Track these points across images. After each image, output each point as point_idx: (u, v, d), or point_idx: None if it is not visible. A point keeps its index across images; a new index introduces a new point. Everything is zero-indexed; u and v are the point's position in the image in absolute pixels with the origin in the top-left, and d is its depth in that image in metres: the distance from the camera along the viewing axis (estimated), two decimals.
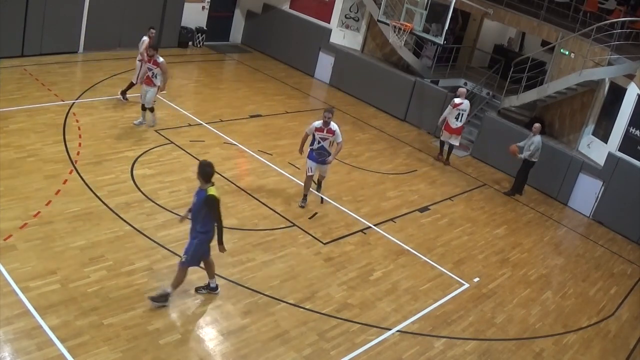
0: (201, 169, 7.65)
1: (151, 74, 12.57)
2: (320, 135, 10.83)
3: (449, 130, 14.84)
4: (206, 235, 7.82)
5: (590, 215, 14.20)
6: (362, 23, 18.85)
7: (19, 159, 10.57)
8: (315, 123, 10.84)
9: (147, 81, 12.66)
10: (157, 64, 12.43)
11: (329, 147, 10.96)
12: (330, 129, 10.80)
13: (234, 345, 7.62)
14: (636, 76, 13.72)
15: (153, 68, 12.55)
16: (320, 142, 10.89)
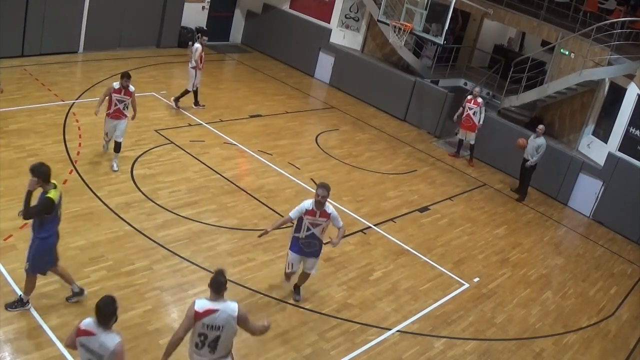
0: (36, 169, 6.75)
1: (122, 105, 10.84)
2: (310, 220, 8.05)
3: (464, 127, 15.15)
4: (46, 240, 7.01)
5: (590, 215, 14.20)
6: (362, 23, 18.85)
7: (19, 159, 10.57)
8: (305, 203, 8.03)
9: (117, 114, 10.83)
10: (130, 93, 10.90)
11: (321, 234, 8.22)
12: (325, 211, 8.05)
13: (234, 345, 7.61)
14: (636, 76, 13.71)
15: (125, 99, 10.85)
16: (310, 228, 8.09)
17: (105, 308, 5.21)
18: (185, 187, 10.99)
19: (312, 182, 12.38)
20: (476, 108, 14.85)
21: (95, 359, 5.25)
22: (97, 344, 5.20)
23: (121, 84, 10.72)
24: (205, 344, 5.83)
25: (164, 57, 17.88)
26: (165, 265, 8.76)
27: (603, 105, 14.78)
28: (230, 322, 5.82)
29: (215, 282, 5.95)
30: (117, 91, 10.74)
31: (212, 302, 5.87)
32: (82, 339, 5.25)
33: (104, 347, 5.19)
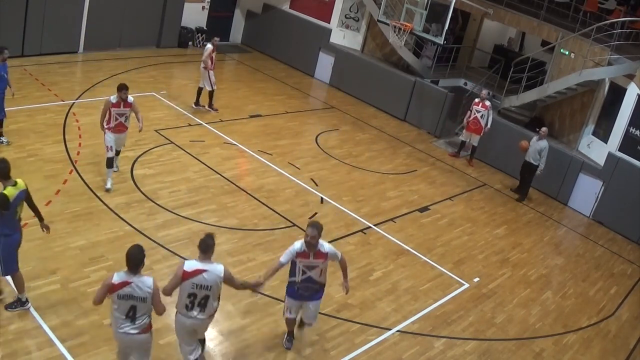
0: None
1: (124, 118, 10.21)
2: (304, 264, 7.04)
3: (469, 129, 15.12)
4: (10, 237, 6.93)
5: (590, 215, 14.20)
6: (362, 23, 18.84)
7: (19, 159, 10.57)
8: (295, 245, 6.98)
9: (119, 127, 10.22)
10: (129, 105, 10.19)
11: (319, 276, 7.20)
12: (320, 251, 7.02)
13: (234, 345, 7.62)
14: (636, 76, 13.71)
15: (125, 111, 10.20)
16: (306, 272, 7.08)
17: (136, 256, 5.81)
18: (185, 187, 10.99)
19: (312, 182, 12.39)
20: (484, 111, 14.79)
21: (138, 302, 5.83)
22: (137, 290, 5.77)
23: (119, 97, 10.01)
24: (195, 304, 6.20)
25: (164, 57, 17.88)
26: (165, 265, 8.75)
27: (603, 105, 14.78)
28: (217, 282, 6.23)
29: (203, 244, 6.25)
30: (115, 105, 10.04)
31: (201, 263, 6.21)
32: (120, 292, 5.76)
33: (144, 290, 5.80)
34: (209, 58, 14.21)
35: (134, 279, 5.78)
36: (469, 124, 15.00)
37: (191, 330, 6.46)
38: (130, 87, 14.70)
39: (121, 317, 5.86)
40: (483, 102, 14.82)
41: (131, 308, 5.83)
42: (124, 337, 5.97)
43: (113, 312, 5.89)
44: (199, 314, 6.28)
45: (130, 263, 5.78)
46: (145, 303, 5.86)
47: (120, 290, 5.74)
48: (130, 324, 5.89)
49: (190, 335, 6.50)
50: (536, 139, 13.74)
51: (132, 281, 5.77)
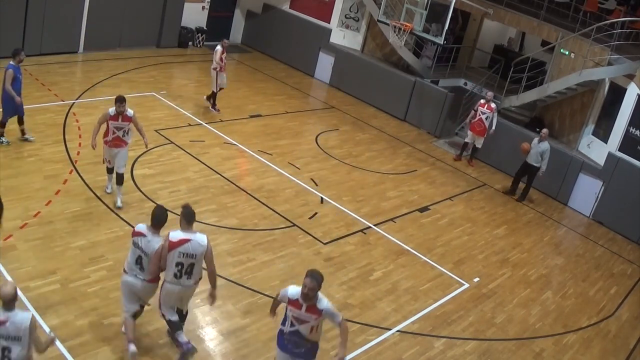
0: None
1: (122, 133, 9.56)
2: (294, 314, 6.21)
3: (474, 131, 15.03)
4: None
5: (590, 215, 14.20)
6: (362, 23, 18.85)
7: (19, 159, 10.58)
8: (290, 290, 6.30)
9: (117, 142, 9.57)
10: (129, 119, 9.55)
11: (309, 333, 6.28)
12: (315, 307, 6.13)
13: (234, 345, 7.62)
14: (636, 76, 13.72)
15: (124, 125, 9.53)
16: (294, 324, 6.22)
17: (160, 216, 6.75)
18: (185, 187, 10.99)
19: (312, 182, 12.39)
20: (489, 113, 14.72)
21: (143, 255, 6.69)
22: (145, 244, 6.67)
23: (116, 109, 9.38)
24: (182, 272, 6.62)
25: (164, 57, 17.89)
26: None
27: (603, 105, 14.78)
28: (201, 251, 6.62)
29: (187, 214, 6.69)
30: (113, 118, 9.42)
31: (185, 233, 6.63)
32: (135, 239, 6.74)
33: (150, 247, 6.64)
34: (220, 59, 14.37)
35: (147, 232, 6.70)
36: (474, 125, 14.92)
37: (179, 297, 6.87)
38: (130, 87, 14.96)
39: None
40: (489, 104, 14.74)
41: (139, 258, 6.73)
42: (128, 281, 6.82)
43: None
44: (187, 281, 6.72)
45: (154, 221, 6.73)
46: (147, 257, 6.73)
47: (138, 237, 6.73)
48: (139, 270, 6.75)
49: (177, 302, 6.93)
50: (537, 141, 13.70)
51: (147, 235, 6.73)
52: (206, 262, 6.71)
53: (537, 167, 13.73)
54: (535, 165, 13.72)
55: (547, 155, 13.58)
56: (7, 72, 10.63)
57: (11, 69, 10.63)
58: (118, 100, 9.42)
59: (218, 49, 14.38)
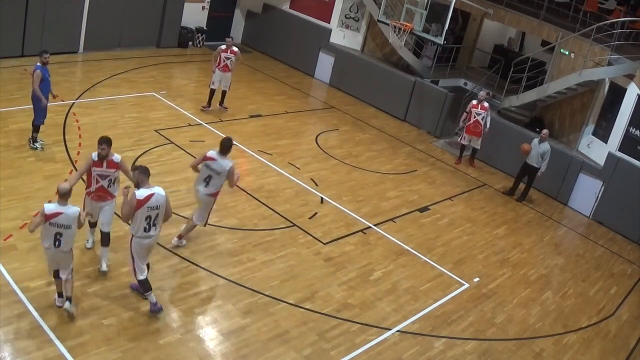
0: None
1: (107, 182, 8.03)
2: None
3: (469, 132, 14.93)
4: None
5: (590, 215, 14.20)
6: (362, 23, 18.85)
7: (19, 159, 10.58)
8: None
9: (101, 193, 8.07)
10: (115, 165, 8.01)
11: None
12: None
13: (234, 345, 7.62)
14: (636, 76, 13.72)
15: (109, 173, 8.00)
16: None
17: (227, 144, 8.87)
18: (185, 187, 10.98)
19: (312, 182, 12.39)
20: (484, 113, 14.61)
21: (214, 174, 8.76)
22: (217, 166, 8.75)
23: (99, 153, 7.86)
24: (151, 224, 7.43)
25: (164, 57, 17.88)
26: (165, 265, 8.76)
27: (603, 105, 14.78)
28: (162, 201, 7.46)
29: (144, 170, 7.43)
30: (96, 164, 7.90)
31: (148, 189, 7.37)
32: (207, 162, 8.77)
33: (222, 167, 8.75)
34: (214, 58, 14.38)
35: (219, 157, 8.76)
36: (469, 127, 14.83)
37: (148, 248, 7.63)
38: (130, 87, 14.96)
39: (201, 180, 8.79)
40: (482, 104, 14.70)
41: (208, 176, 8.79)
42: (198, 193, 8.88)
43: None
44: (155, 231, 7.54)
45: (222, 148, 8.81)
46: (219, 175, 8.77)
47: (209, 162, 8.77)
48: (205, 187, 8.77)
49: (147, 253, 7.66)
50: (537, 142, 13.67)
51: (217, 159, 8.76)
52: (167, 208, 7.60)
53: (537, 168, 13.69)
54: (535, 166, 13.69)
55: (547, 157, 13.55)
56: (35, 73, 10.60)
57: (38, 69, 10.60)
58: (101, 141, 7.85)
59: (219, 48, 14.35)
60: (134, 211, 7.30)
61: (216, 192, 8.94)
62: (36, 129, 10.94)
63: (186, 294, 8.27)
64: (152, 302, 7.71)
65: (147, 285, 7.64)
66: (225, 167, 8.73)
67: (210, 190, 8.84)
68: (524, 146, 13.76)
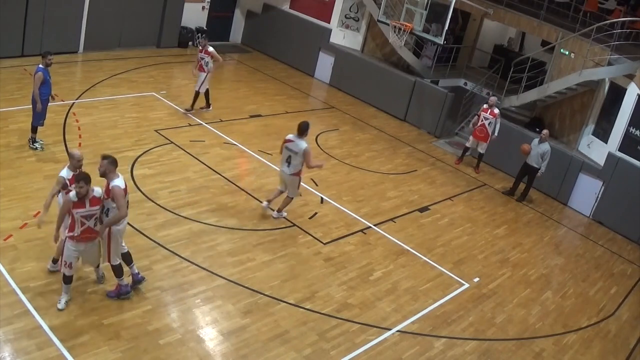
0: None
1: (93, 221, 7.19)
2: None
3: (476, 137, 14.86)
4: None
5: (590, 215, 14.20)
6: (362, 23, 18.85)
7: (19, 158, 10.58)
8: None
9: (88, 235, 7.23)
10: (98, 201, 7.15)
11: None
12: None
13: (234, 345, 7.62)
14: (636, 76, 13.72)
15: (94, 211, 7.13)
16: None
17: (303, 126, 9.96)
18: (185, 187, 10.99)
19: (312, 182, 12.39)
20: (492, 119, 14.53)
21: (293, 154, 9.97)
22: (294, 146, 9.94)
23: (77, 193, 6.91)
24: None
25: (164, 57, 17.89)
26: (165, 265, 8.76)
27: (603, 105, 14.78)
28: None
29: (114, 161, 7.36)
30: (78, 205, 6.96)
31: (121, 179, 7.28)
32: (287, 144, 10.03)
33: (299, 147, 9.92)
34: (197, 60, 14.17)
35: (295, 139, 9.95)
36: (476, 130, 14.77)
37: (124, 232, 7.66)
38: (130, 87, 14.98)
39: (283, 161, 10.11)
40: (492, 110, 14.56)
41: (289, 157, 10.03)
42: (281, 174, 10.25)
43: None
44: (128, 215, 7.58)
45: (300, 130, 9.94)
46: (297, 155, 9.94)
47: (288, 144, 9.98)
48: (287, 167, 10.04)
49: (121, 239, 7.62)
50: (537, 142, 13.65)
51: (294, 140, 10.00)
52: None
53: (537, 168, 13.68)
54: (535, 167, 13.68)
55: (547, 157, 13.53)
56: (36, 75, 10.58)
57: (40, 71, 10.58)
58: (78, 179, 6.88)
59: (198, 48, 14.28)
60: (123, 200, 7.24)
61: (297, 172, 10.13)
62: (34, 129, 10.94)
63: (186, 294, 8.27)
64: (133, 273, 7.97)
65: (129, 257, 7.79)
66: (301, 147, 9.89)
67: (292, 170, 10.08)
68: (524, 146, 13.75)
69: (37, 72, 10.57)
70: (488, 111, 14.60)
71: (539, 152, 13.56)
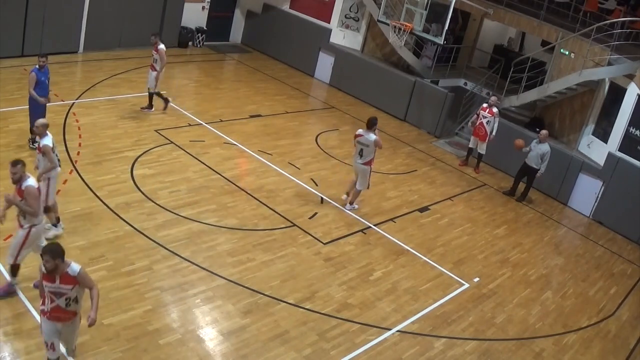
0: None
1: (63, 301, 5.95)
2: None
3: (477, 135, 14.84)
4: None
5: (590, 215, 14.20)
6: (362, 23, 18.85)
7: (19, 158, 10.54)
8: None
9: (58, 314, 6.03)
10: (72, 280, 5.92)
11: None
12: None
13: (234, 345, 7.62)
14: (636, 76, 13.72)
15: (65, 290, 5.94)
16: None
17: (371, 121, 11.09)
18: (185, 187, 10.99)
19: (312, 182, 12.39)
20: (490, 117, 14.52)
21: (364, 147, 11.07)
22: (364, 139, 11.08)
23: (46, 269, 5.80)
24: None
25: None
26: (165, 265, 8.76)
27: (603, 105, 14.78)
28: None
29: None
30: (47, 278, 5.88)
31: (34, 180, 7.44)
32: (358, 139, 11.12)
33: (369, 140, 11.08)
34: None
35: (365, 133, 11.05)
36: (476, 129, 14.75)
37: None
38: (130, 87, 14.98)
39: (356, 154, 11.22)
40: (490, 109, 14.56)
41: (361, 149, 11.09)
42: (355, 165, 11.30)
43: None
44: None
45: (368, 124, 11.11)
46: (368, 147, 11.05)
47: (358, 138, 11.12)
48: (359, 158, 11.14)
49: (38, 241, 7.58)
50: (536, 142, 13.63)
51: (363, 134, 11.10)
52: None
53: (536, 169, 13.66)
54: (534, 167, 13.66)
55: (547, 158, 13.49)
56: (30, 75, 10.61)
57: (33, 72, 10.58)
58: (43, 252, 5.80)
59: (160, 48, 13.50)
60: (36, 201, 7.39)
61: (368, 161, 11.20)
62: (32, 130, 10.91)
63: (186, 294, 8.27)
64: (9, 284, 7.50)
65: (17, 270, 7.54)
66: (371, 139, 11.05)
67: (363, 160, 11.14)
68: (517, 141, 13.72)
69: (30, 73, 10.64)
70: (487, 110, 14.61)
71: (538, 152, 13.53)
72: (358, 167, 11.25)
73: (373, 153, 11.20)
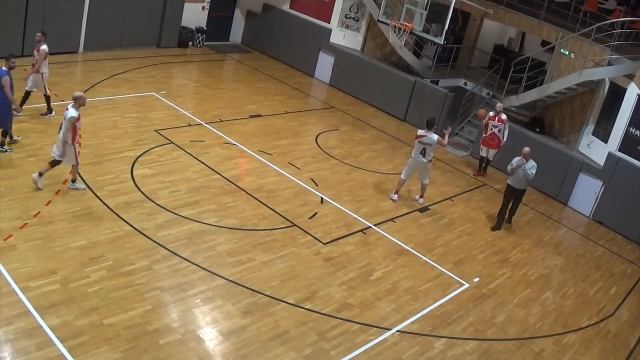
0: None
1: None
2: None
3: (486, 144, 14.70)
4: None
5: (590, 215, 14.20)
6: (362, 23, 18.85)
7: (19, 158, 10.58)
8: None
9: None
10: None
11: None
12: None
13: (234, 345, 7.62)
14: (636, 76, 13.72)
15: None
16: None
17: (430, 121, 11.67)
18: (185, 187, 10.99)
19: (312, 182, 12.39)
20: (501, 125, 14.34)
21: (426, 147, 11.73)
22: (427, 139, 11.68)
23: None
24: None
25: (164, 57, 17.88)
26: (165, 265, 8.76)
27: (603, 105, 14.78)
28: None
29: None
30: None
31: None
32: (420, 139, 11.73)
33: (431, 139, 11.70)
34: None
35: (426, 133, 11.63)
36: (486, 139, 14.57)
37: None
38: (130, 87, 14.99)
39: (418, 153, 11.88)
40: (499, 116, 14.38)
41: (423, 149, 11.77)
42: (418, 162, 11.93)
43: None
44: None
45: (428, 125, 11.63)
46: (431, 146, 11.74)
47: (421, 138, 11.70)
48: (423, 157, 11.82)
49: None
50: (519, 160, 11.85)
51: (425, 135, 11.71)
52: None
53: (523, 190, 12.28)
54: (521, 189, 12.21)
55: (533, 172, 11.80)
56: (3, 79, 10.47)
57: (7, 75, 10.50)
58: None
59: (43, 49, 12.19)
60: None
61: (431, 159, 12.08)
62: (3, 133, 10.78)
63: (186, 294, 8.27)
64: None
65: None
66: (433, 139, 11.67)
67: (427, 159, 11.97)
68: (480, 111, 13.48)
69: (3, 76, 10.45)
70: (496, 119, 14.39)
71: (523, 170, 11.81)
72: (422, 165, 11.96)
73: (433, 152, 11.96)
